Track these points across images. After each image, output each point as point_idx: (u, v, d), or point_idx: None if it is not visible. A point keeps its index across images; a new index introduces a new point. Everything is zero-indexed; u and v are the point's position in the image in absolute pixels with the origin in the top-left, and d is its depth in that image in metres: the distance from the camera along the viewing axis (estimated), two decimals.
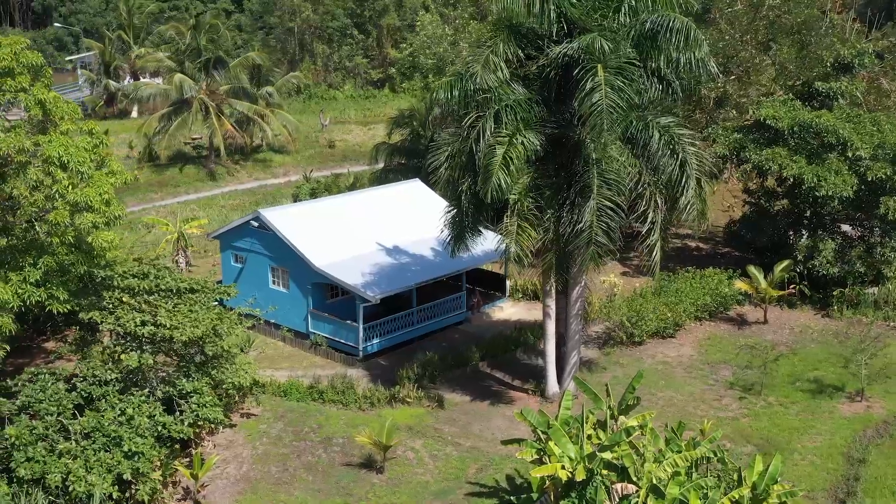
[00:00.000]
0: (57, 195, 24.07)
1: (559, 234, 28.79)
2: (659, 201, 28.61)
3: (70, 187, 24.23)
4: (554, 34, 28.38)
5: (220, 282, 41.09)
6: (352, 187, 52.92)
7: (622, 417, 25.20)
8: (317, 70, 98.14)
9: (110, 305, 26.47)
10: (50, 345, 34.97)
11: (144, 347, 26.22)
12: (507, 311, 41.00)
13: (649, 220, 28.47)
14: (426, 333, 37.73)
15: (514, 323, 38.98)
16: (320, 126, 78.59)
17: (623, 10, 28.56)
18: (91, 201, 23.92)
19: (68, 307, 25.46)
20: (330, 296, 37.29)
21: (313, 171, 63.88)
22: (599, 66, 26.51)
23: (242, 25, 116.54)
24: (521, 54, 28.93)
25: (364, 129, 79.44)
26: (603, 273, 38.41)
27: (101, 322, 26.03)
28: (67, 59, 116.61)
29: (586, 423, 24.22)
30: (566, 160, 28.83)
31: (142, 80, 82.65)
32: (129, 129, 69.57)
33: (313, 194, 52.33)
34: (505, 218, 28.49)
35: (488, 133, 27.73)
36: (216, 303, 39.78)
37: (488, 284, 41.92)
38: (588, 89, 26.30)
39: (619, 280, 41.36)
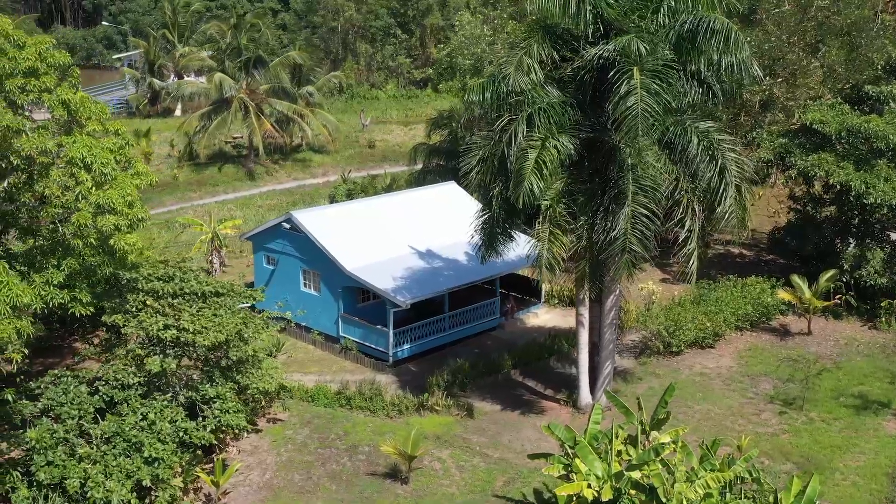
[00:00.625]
0: (80, 196, 23.77)
1: (593, 242, 27.96)
2: (697, 209, 27.65)
3: (93, 188, 23.91)
4: (590, 35, 27.58)
5: (251, 283, 40.93)
6: (388, 189, 52.44)
7: (654, 433, 24.34)
8: (359, 69, 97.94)
9: (133, 308, 26.17)
10: (80, 345, 34.90)
11: (168, 351, 25.88)
12: (541, 317, 40.19)
13: (686, 228, 27.52)
14: (458, 339, 37.07)
15: (549, 330, 38.16)
16: (361, 126, 78.33)
17: (662, 11, 27.67)
18: (114, 203, 23.59)
19: (91, 309, 25.17)
20: (361, 299, 36.78)
21: (352, 171, 63.56)
22: (635, 68, 25.66)
23: (287, 24, 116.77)
24: (556, 56, 28.16)
25: (405, 130, 79.02)
26: (641, 280, 37.43)
27: (124, 325, 25.73)
28: (115, 57, 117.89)
29: (616, 438, 23.37)
30: (601, 165, 27.99)
31: (186, 78, 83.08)
32: (171, 128, 69.88)
33: (350, 195, 51.93)
34: (536, 224, 27.74)
35: (520, 137, 27.00)
36: (248, 305, 39.72)
37: (523, 289, 41.14)
38: (623, 93, 25.46)
39: (658, 288, 40.31)
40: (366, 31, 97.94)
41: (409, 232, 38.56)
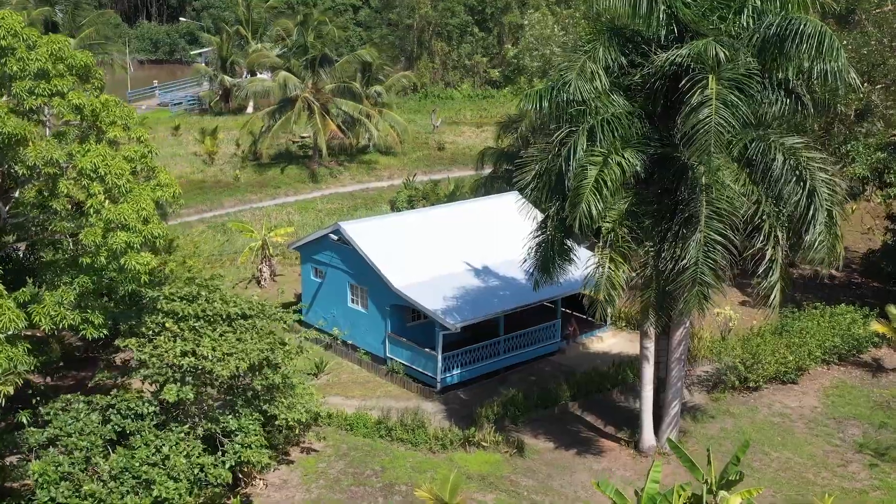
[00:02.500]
0: (92, 211, 21.80)
1: (659, 270, 24.92)
2: (780, 236, 24.36)
3: (106, 202, 21.92)
4: (662, 38, 24.58)
5: (300, 295, 38.86)
6: (451, 195, 49.89)
7: (723, 493, 21.26)
8: (434, 68, 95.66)
9: (150, 332, 24.14)
10: (119, 355, 33.25)
11: (187, 379, 23.76)
12: (606, 341, 37.14)
13: (768, 257, 24.28)
14: (513, 364, 34.32)
15: (614, 357, 35.13)
16: (431, 127, 76.01)
17: (746, 12, 24.51)
18: (126, 218, 21.54)
19: (105, 332, 23.22)
20: (411, 318, 34.31)
21: (417, 174, 61.15)
22: (711, 76, 22.60)
23: (363, 21, 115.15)
24: (624, 61, 25.23)
25: (476, 132, 76.44)
26: (716, 302, 34.10)
27: (138, 351, 23.71)
28: (192, 53, 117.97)
29: (677, 501, 20.37)
30: (670, 185, 24.92)
31: (258, 75, 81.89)
32: (241, 126, 68.36)
33: (410, 202, 49.59)
34: (596, 249, 24.85)
35: (580, 151, 24.15)
36: (295, 319, 37.60)
37: (588, 310, 38.02)
38: (695, 104, 22.43)
39: (735, 313, 36.83)
40: (442, 29, 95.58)
41: (464, 246, 35.93)
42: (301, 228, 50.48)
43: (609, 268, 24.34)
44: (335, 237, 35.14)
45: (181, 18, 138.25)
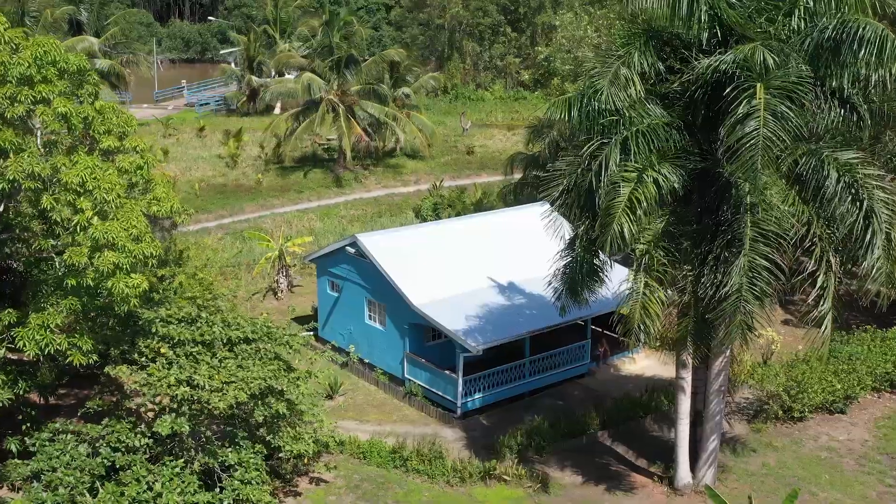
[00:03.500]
0: (79, 228, 20.07)
1: (698, 297, 22.74)
2: (833, 261, 22.08)
3: (94, 219, 20.19)
4: (704, 42, 22.37)
5: (317, 308, 37.08)
6: (478, 204, 47.89)
7: None
8: (465, 69, 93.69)
9: (143, 358, 22.38)
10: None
11: (183, 409, 21.97)
12: (639, 363, 34.94)
13: (819, 284, 22.00)
14: (540, 388, 32.25)
15: (647, 381, 32.95)
16: (461, 129, 74.05)
17: (797, 14, 22.24)
18: (115, 237, 19.78)
19: (94, 358, 21.52)
20: (431, 337, 32.34)
21: (445, 179, 59.22)
22: (759, 85, 20.36)
23: (394, 21, 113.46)
24: (661, 67, 23.07)
25: (507, 135, 74.39)
26: (757, 321, 31.80)
27: (127, 380, 21.97)
28: (221, 52, 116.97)
29: None
30: (712, 203, 22.73)
31: (287, 76, 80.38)
32: (266, 128, 66.82)
33: (435, 209, 47.66)
34: (628, 274, 22.73)
35: (612, 165, 22.01)
36: (310, 333, 35.76)
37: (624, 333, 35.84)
38: (741, 115, 20.21)
39: (779, 336, 34.47)
40: (473, 29, 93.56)
41: (488, 261, 33.90)
42: (322, 236, 48.76)
43: (644, 293, 22.21)
44: (352, 250, 33.27)
45: (210, 18, 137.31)
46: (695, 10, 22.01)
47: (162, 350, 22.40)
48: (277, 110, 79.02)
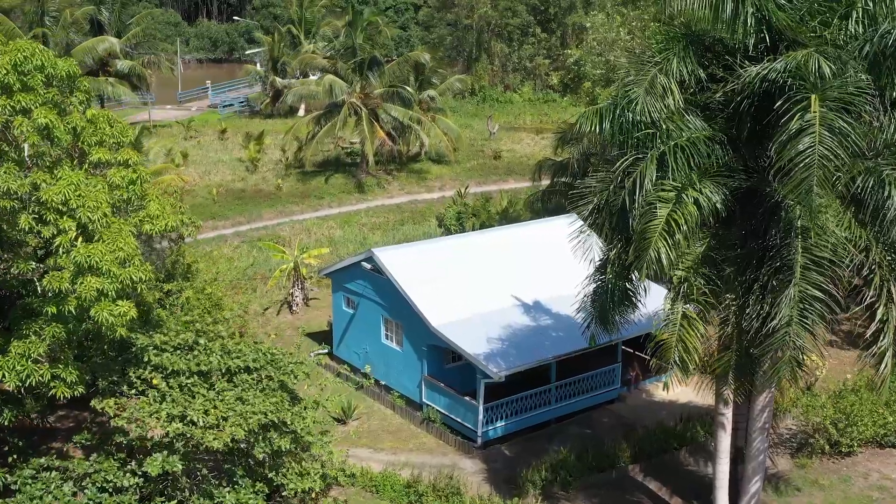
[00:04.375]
0: (61, 251, 18.33)
1: (742, 329, 20.60)
2: (895, 291, 19.87)
3: (78, 240, 18.45)
4: (750, 48, 20.21)
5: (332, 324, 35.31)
6: (503, 213, 45.87)
7: None
8: (493, 70, 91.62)
9: (133, 391, 20.60)
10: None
11: (177, 446, 20.18)
12: (673, 388, 32.65)
13: (879, 318, 19.79)
14: (566, 415, 30.23)
15: (681, 408, 30.82)
16: (488, 133, 72.02)
17: (854, 17, 20.01)
18: (99, 261, 18.00)
19: (81, 389, 19.79)
20: (451, 359, 30.40)
21: (471, 185, 57.19)
22: (814, 96, 18.19)
23: (422, 21, 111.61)
24: (702, 75, 20.93)
25: (536, 139, 72.26)
26: None
27: (113, 417, 20.17)
28: (247, 52, 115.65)
29: None
30: (758, 226, 20.55)
31: (311, 77, 78.73)
32: (287, 130, 65.13)
33: (459, 219, 45.70)
34: (665, 302, 20.65)
35: (648, 183, 19.92)
36: (324, 352, 34.01)
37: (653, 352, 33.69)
38: (794, 130, 18.05)
39: (824, 361, 32.12)
40: (502, 30, 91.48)
41: (512, 278, 31.89)
42: (342, 245, 47.00)
43: (681, 325, 20.12)
44: (368, 265, 31.40)
45: (235, 18, 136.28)
46: (740, 12, 19.87)
47: (154, 381, 20.61)
48: (301, 112, 77.34)
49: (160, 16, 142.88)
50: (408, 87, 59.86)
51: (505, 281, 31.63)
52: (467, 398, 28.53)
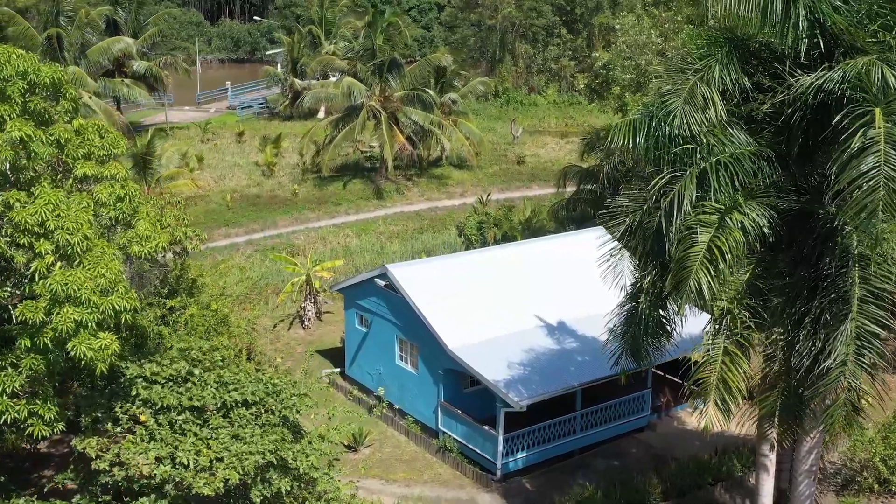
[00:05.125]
0: (37, 277, 16.58)
1: (790, 367, 18.59)
2: None
3: (57, 265, 16.70)
4: (802, 55, 18.19)
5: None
6: (527, 223, 43.94)
7: None
8: (518, 72, 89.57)
9: (119, 429, 18.82)
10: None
11: (166, 488, 18.41)
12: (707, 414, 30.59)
13: None
14: (592, 444, 28.27)
15: (715, 439, 28.63)
16: (511, 137, 70.03)
17: None
18: (78, 290, 16.24)
19: (61, 427, 18.05)
20: (469, 383, 28.51)
21: (493, 192, 55.22)
22: (877, 110, 16.17)
23: (447, 22, 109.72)
24: (747, 83, 18.91)
25: (561, 143, 70.22)
26: None
27: (96, 459, 18.39)
28: (268, 53, 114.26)
29: None
30: (810, 252, 18.52)
31: (331, 78, 77.04)
32: (304, 134, 63.41)
33: (480, 229, 43.80)
34: (704, 335, 18.67)
35: (687, 205, 17.92)
36: (335, 371, 32.31)
37: (683, 374, 31.66)
38: (855, 149, 16.02)
39: (870, 387, 29.87)
40: (526, 30, 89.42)
41: (537, 297, 29.95)
42: (358, 254, 45.25)
43: (723, 362, 18.14)
44: (382, 282, 29.57)
45: (255, 18, 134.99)
46: (791, 14, 17.84)
47: (143, 417, 18.84)
48: (322, 114, 75.60)
49: (182, 15, 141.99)
50: (429, 90, 58.01)
51: (527, 300, 29.70)
52: (486, 427, 26.63)
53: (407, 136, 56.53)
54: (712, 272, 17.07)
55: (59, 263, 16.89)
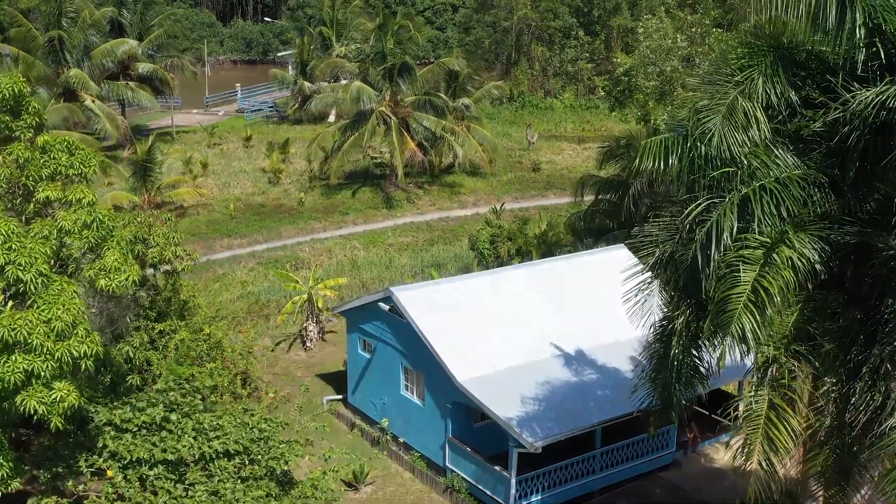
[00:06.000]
0: None
1: (844, 422, 16.31)
2: None
3: (9, 305, 14.67)
4: (859, 66, 15.91)
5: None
6: (542, 237, 41.62)
7: None
8: (533, 75, 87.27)
9: (81, 487, 16.76)
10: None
11: None
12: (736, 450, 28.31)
13: None
14: (612, 485, 26.05)
15: (747, 477, 26.38)
16: (527, 143, 67.81)
17: None
18: (29, 335, 14.18)
19: (16, 485, 16.00)
20: (480, 416, 26.32)
21: (507, 201, 52.94)
22: None
23: (461, 23, 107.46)
24: (794, 97, 16.66)
25: (578, 149, 68.00)
26: None
27: None
28: (279, 54, 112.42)
29: None
30: (869, 290, 16.23)
31: (343, 81, 74.96)
32: (312, 140, 61.27)
33: (493, 243, 41.53)
34: (745, 384, 16.43)
35: (727, 236, 15.67)
36: (337, 398, 30.36)
37: (710, 405, 29.41)
38: None
39: None
40: (542, 32, 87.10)
41: (552, 323, 27.73)
42: (365, 268, 43.14)
43: (768, 417, 15.89)
44: (386, 306, 27.40)
45: (266, 19, 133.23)
46: (846, 20, 15.58)
47: (109, 473, 16.77)
48: (332, 118, 73.56)
49: (193, 16, 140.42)
50: (441, 95, 55.85)
51: (543, 326, 27.48)
52: (498, 467, 24.43)
53: (418, 142, 54.43)
54: (758, 317, 14.83)
55: (9, 304, 14.83)
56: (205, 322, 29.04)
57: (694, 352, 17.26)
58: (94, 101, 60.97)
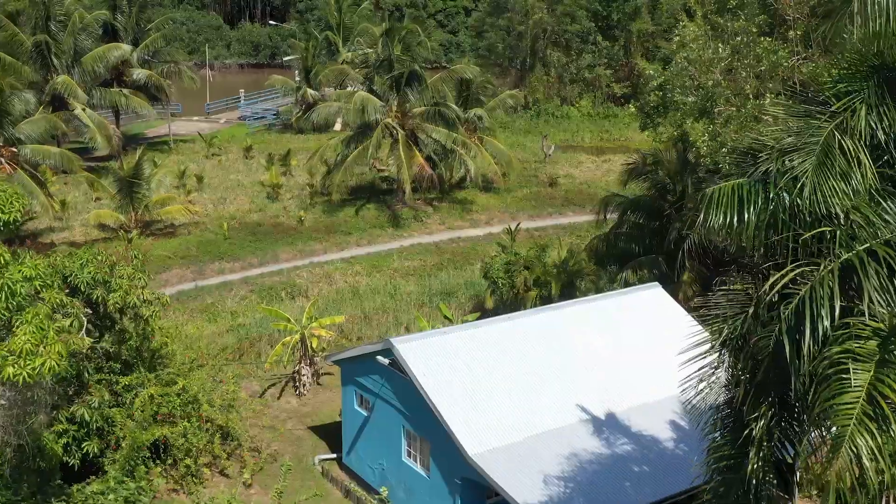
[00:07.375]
0: None
1: None
2: None
3: None
4: None
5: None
6: (561, 266, 37.68)
7: None
8: (549, 82, 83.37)
9: None
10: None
11: None
12: None
13: None
14: None
15: None
16: (543, 155, 63.96)
17: None
18: None
19: None
20: (493, 492, 22.44)
21: (522, 220, 48.99)
22: None
23: (474, 26, 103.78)
24: None
25: (597, 161, 64.15)
26: None
27: None
28: (285, 59, 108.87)
29: None
30: None
31: (350, 88, 71.21)
32: (313, 152, 57.48)
33: (508, 272, 37.67)
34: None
35: (825, 319, 11.84)
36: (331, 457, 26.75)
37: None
38: None
39: None
40: (559, 37, 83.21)
41: (577, 380, 23.86)
42: (367, 298, 39.38)
43: None
44: (385, 360, 23.58)
45: (270, 22, 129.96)
46: None
47: None
48: (338, 127, 69.74)
49: (200, 18, 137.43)
50: (452, 105, 52.02)
51: (567, 384, 23.60)
52: None
53: (427, 156, 50.66)
54: (877, 436, 10.96)
55: None
56: (178, 374, 25.43)
57: (780, 465, 13.36)
58: (83, 110, 57.40)
